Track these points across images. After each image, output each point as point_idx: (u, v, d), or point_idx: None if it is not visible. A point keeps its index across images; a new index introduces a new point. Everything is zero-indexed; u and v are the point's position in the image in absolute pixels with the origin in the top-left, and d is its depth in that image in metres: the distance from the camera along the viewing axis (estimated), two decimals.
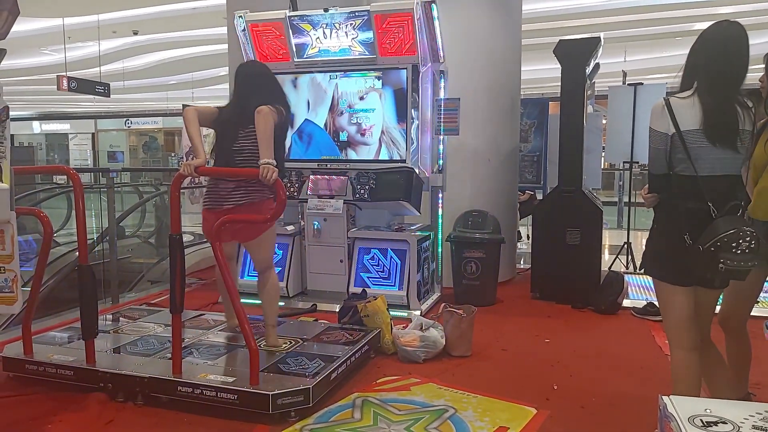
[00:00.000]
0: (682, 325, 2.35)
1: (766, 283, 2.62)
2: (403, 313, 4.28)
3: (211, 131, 3.46)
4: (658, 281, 2.40)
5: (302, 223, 4.73)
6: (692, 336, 2.36)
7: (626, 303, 4.70)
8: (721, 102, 2.21)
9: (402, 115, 4.52)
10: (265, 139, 2.99)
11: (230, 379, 2.81)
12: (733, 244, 2.08)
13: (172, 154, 26.03)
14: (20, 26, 11.00)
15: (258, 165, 2.94)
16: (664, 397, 1.99)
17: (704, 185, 2.20)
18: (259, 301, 4.68)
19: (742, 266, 2.11)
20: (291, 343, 3.39)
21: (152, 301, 4.76)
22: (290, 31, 4.66)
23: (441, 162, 4.74)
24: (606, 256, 6.79)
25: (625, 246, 6.36)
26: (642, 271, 2.50)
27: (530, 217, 5.49)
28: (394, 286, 4.47)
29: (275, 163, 2.91)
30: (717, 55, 2.21)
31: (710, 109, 2.20)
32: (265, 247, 3.42)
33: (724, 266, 2.10)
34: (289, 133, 4.41)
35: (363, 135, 4.65)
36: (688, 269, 2.23)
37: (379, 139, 4.61)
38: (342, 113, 4.70)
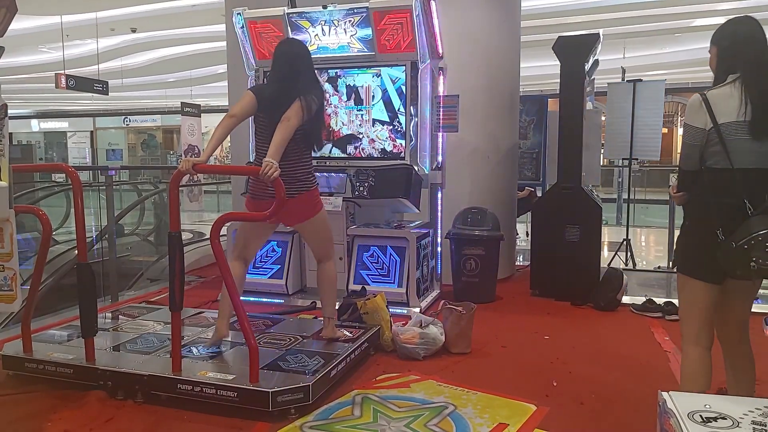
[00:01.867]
0: (702, 323, 2.36)
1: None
2: (403, 311, 4.28)
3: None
4: (685, 277, 2.39)
5: None
6: (709, 334, 2.37)
7: (625, 300, 4.70)
8: (766, 94, 2.19)
9: (401, 112, 4.51)
10: (277, 144, 2.99)
11: (230, 377, 2.81)
12: (767, 244, 2.08)
13: (171, 152, 26.05)
14: (18, 24, 10.94)
15: (294, 160, 3.06)
16: (664, 393, 1.99)
17: (739, 178, 2.19)
18: (259, 300, 4.71)
19: None
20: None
21: (151, 299, 4.75)
22: (289, 28, 4.64)
23: (440, 159, 4.74)
24: (605, 253, 6.80)
25: (625, 243, 6.36)
26: (674, 269, 2.47)
27: (529, 214, 5.50)
28: (393, 283, 4.46)
29: (277, 164, 2.91)
30: (754, 43, 2.22)
31: (756, 101, 2.19)
32: (320, 233, 3.43)
33: (756, 265, 2.09)
34: None
35: (362, 132, 4.65)
36: (717, 265, 2.21)
37: (378, 137, 4.61)
38: (341, 110, 4.69)
